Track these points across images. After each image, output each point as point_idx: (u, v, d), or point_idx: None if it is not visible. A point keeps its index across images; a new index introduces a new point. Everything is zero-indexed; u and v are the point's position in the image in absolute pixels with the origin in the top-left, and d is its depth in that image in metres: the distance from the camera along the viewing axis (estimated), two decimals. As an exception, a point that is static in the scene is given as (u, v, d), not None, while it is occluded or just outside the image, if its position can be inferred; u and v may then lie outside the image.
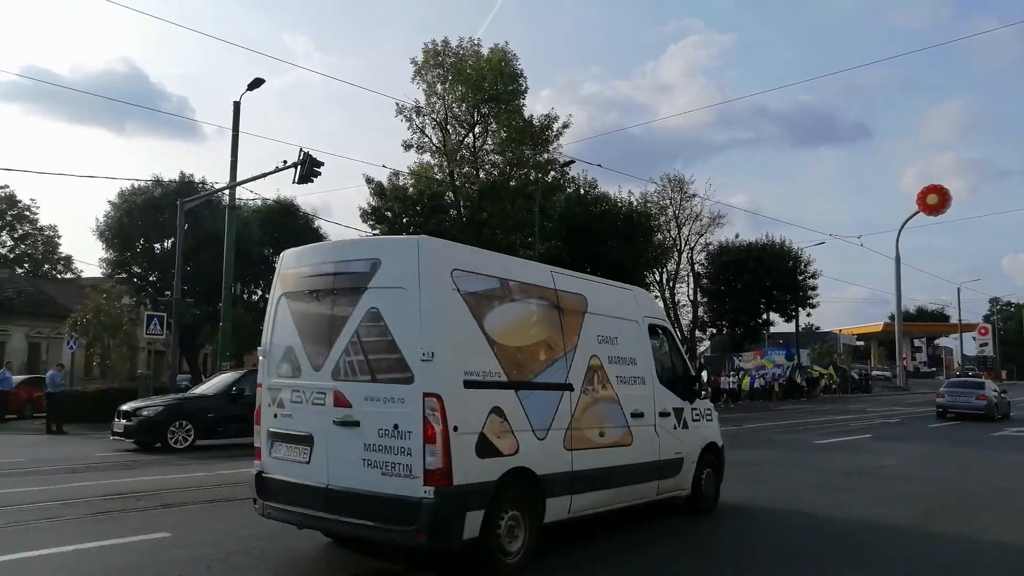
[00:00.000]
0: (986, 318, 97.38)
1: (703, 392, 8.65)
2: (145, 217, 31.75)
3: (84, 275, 47.84)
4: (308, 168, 20.65)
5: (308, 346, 6.01)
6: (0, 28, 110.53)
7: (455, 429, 5.27)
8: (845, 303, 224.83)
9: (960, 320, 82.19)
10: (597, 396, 6.87)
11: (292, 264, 6.48)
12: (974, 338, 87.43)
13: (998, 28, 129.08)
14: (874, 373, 68.18)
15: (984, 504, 9.57)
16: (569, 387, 6.53)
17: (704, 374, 9.01)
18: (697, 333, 53.98)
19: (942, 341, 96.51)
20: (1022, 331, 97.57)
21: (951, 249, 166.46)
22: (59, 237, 53.04)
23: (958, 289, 80.00)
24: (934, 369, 79.29)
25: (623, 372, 7.31)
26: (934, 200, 57.79)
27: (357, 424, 5.52)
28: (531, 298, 6.47)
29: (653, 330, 8.17)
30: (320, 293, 6.08)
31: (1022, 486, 11.24)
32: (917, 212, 58.81)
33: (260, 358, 6.52)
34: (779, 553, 6.83)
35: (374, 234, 33.58)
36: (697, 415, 8.49)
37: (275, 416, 6.14)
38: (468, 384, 5.53)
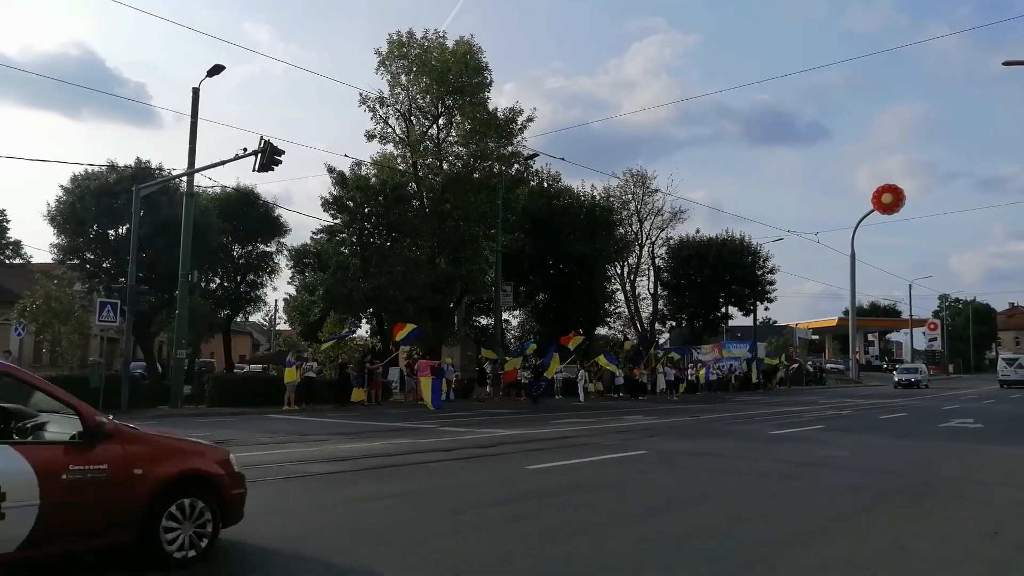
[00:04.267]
0: (935, 314, 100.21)
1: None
2: (99, 203, 30.97)
3: (34, 260, 46.56)
4: (269, 156, 20.43)
5: None
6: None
7: None
8: (802, 298, 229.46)
9: (911, 316, 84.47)
10: None
11: None
12: (924, 333, 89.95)
13: (946, 35, 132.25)
14: (828, 366, 69.72)
15: (929, 492, 9.88)
16: None
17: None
18: (657, 326, 54.66)
19: (893, 336, 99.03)
20: (969, 327, 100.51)
21: (903, 247, 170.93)
22: (8, 222, 51.55)
23: (909, 286, 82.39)
24: (901, 359, 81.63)
25: None
26: (888, 199, 59.12)
27: None
28: None
29: None
30: None
31: (965, 475, 11.62)
32: (872, 211, 60.17)
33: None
34: (729, 541, 6.96)
35: (334, 224, 33.31)
36: None
37: None
38: None
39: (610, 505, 8.46)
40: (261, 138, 20.27)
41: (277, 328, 70.53)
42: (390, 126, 35.32)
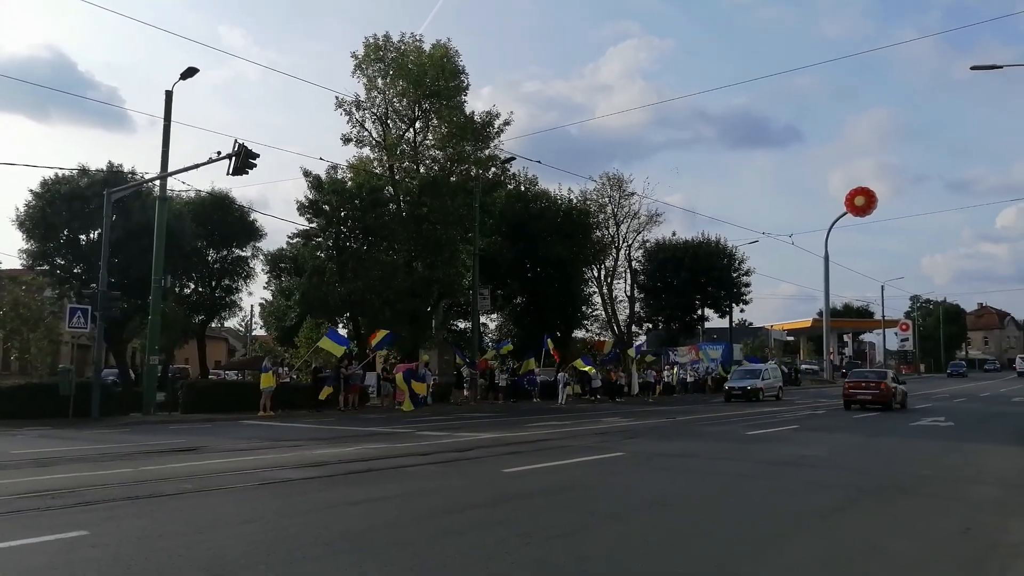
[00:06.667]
0: (907, 314, 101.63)
1: None
2: (70, 207, 30.46)
3: (2, 267, 45.70)
4: (243, 160, 20.25)
5: None
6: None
7: None
8: (777, 300, 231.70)
9: (883, 316, 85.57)
10: None
11: None
12: (896, 333, 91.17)
13: (913, 39, 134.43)
14: (803, 367, 70.41)
15: (902, 490, 9.97)
16: None
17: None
18: (634, 328, 54.87)
19: (866, 336, 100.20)
20: (940, 327, 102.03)
21: (875, 249, 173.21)
22: (-26, 227, 50.55)
23: (882, 287, 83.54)
24: (859, 362, 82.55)
25: None
26: (861, 202, 59.87)
27: None
28: None
29: None
30: None
31: (937, 472, 11.75)
32: (845, 213, 60.88)
33: None
34: (704, 542, 6.97)
35: (311, 227, 33.04)
36: None
37: None
38: None
39: (586, 507, 8.45)
40: (235, 141, 20.11)
41: (253, 333, 69.80)
42: (366, 130, 35.20)
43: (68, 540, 6.41)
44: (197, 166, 21.86)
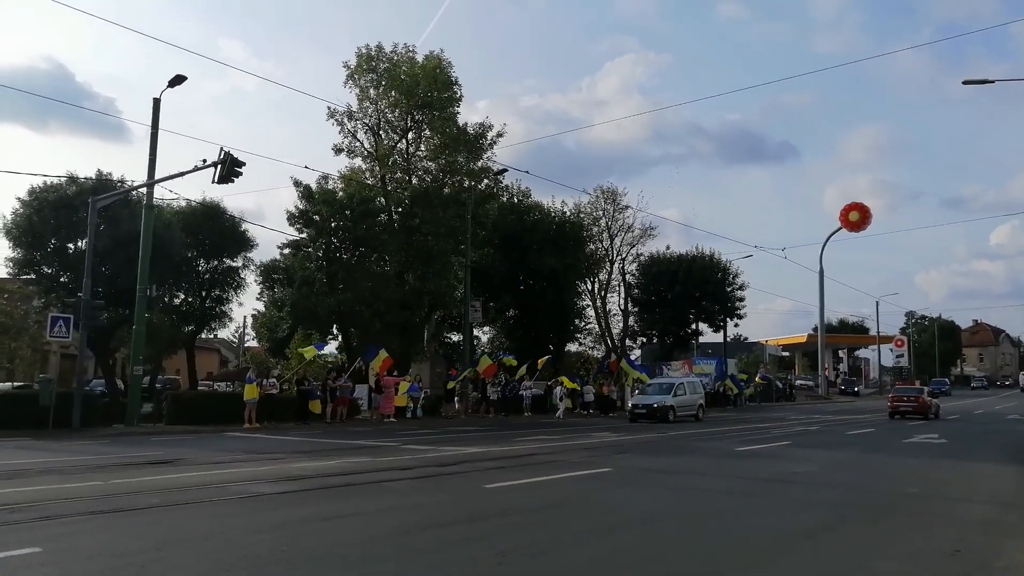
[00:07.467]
0: (902, 330, 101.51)
1: None
2: (58, 215, 30.20)
3: (-12, 275, 45.26)
4: (228, 168, 20.06)
5: None
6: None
7: None
8: (772, 315, 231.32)
9: (879, 332, 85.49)
10: None
11: None
12: (891, 349, 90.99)
13: (906, 48, 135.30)
14: (797, 382, 70.22)
15: (892, 508, 9.73)
16: None
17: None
18: (628, 342, 54.61)
19: (862, 352, 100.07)
20: (935, 343, 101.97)
21: (870, 264, 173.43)
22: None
23: (876, 303, 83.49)
24: (854, 379, 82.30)
25: None
26: (855, 217, 60.03)
27: None
28: None
29: None
30: None
31: (928, 490, 11.49)
32: (840, 228, 60.95)
33: None
34: (687, 561, 6.71)
35: (301, 238, 32.81)
36: None
37: None
38: None
39: (567, 525, 8.18)
40: (221, 149, 19.90)
41: (246, 345, 69.40)
42: (358, 140, 35.06)
43: (19, 557, 6.13)
44: (183, 174, 21.67)
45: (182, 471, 12.46)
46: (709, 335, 60.19)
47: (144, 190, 25.21)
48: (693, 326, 57.37)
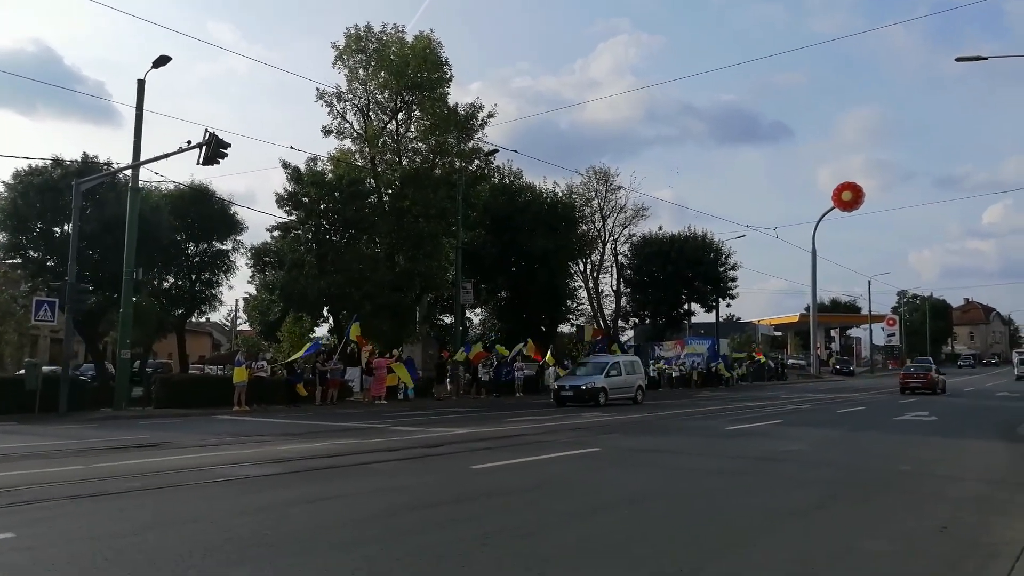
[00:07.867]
0: (894, 310, 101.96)
1: None
2: (43, 199, 29.84)
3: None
4: (214, 149, 19.80)
5: None
6: None
7: None
8: (764, 295, 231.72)
9: (871, 311, 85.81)
10: None
11: None
12: (883, 328, 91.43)
13: (894, 23, 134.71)
14: (790, 362, 70.49)
15: (883, 486, 9.68)
16: None
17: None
18: (620, 323, 54.60)
19: (853, 331, 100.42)
20: (926, 322, 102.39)
21: (863, 244, 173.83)
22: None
23: (869, 282, 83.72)
24: (847, 358, 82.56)
25: None
26: (848, 196, 59.86)
27: None
28: None
29: None
30: None
31: (919, 468, 11.46)
32: (833, 208, 60.84)
33: None
34: (673, 541, 6.63)
35: (290, 220, 32.53)
36: None
37: None
38: None
39: (553, 505, 8.09)
40: (206, 130, 19.63)
41: (238, 328, 69.15)
42: (347, 121, 34.68)
43: (-9, 543, 6.00)
44: (168, 155, 21.37)
45: (167, 454, 12.33)
46: (701, 315, 60.27)
47: (130, 172, 24.87)
48: (685, 306, 57.34)
